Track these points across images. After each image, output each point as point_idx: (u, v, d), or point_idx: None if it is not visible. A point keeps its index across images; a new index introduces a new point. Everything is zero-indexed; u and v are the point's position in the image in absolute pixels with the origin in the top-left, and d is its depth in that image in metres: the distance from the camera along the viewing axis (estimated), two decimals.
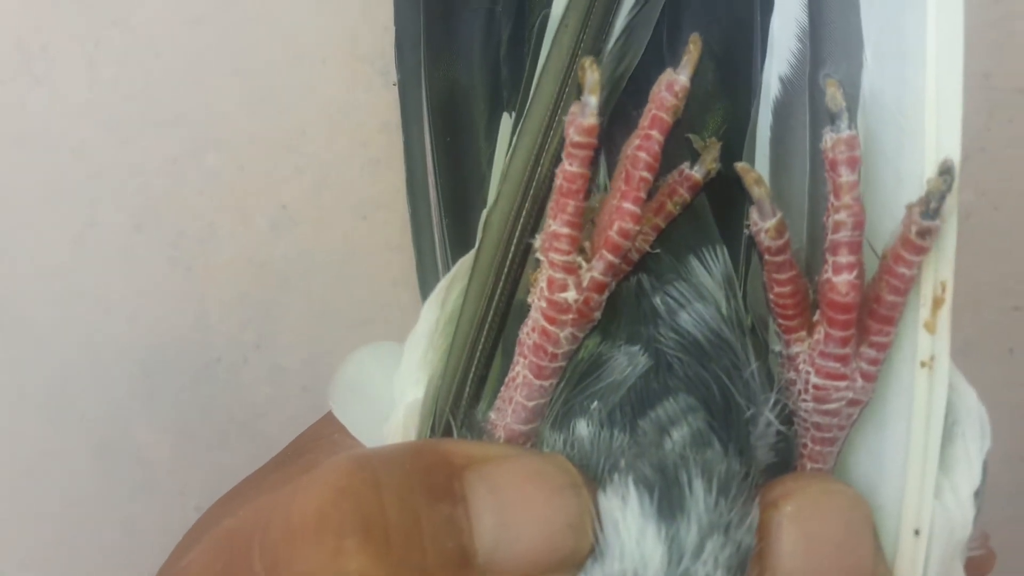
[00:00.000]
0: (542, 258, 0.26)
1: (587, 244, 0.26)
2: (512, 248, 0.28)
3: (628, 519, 0.24)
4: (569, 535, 0.23)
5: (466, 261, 0.29)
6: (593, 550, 0.24)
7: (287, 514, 0.22)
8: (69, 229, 0.42)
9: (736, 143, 0.29)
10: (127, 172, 0.41)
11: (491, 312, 0.28)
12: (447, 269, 0.33)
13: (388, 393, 0.29)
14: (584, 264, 0.26)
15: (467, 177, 0.33)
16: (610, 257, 0.26)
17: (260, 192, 0.42)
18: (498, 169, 0.31)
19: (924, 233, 0.24)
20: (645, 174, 0.26)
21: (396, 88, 0.36)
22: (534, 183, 0.27)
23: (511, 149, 0.28)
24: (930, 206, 0.24)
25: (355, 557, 0.21)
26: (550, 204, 0.26)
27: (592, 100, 0.25)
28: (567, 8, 0.28)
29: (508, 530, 0.23)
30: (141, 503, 0.48)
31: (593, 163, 0.26)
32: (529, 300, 0.27)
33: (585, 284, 0.26)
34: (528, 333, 0.27)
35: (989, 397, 0.46)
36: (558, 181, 0.26)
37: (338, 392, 0.31)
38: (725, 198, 0.29)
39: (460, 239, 0.33)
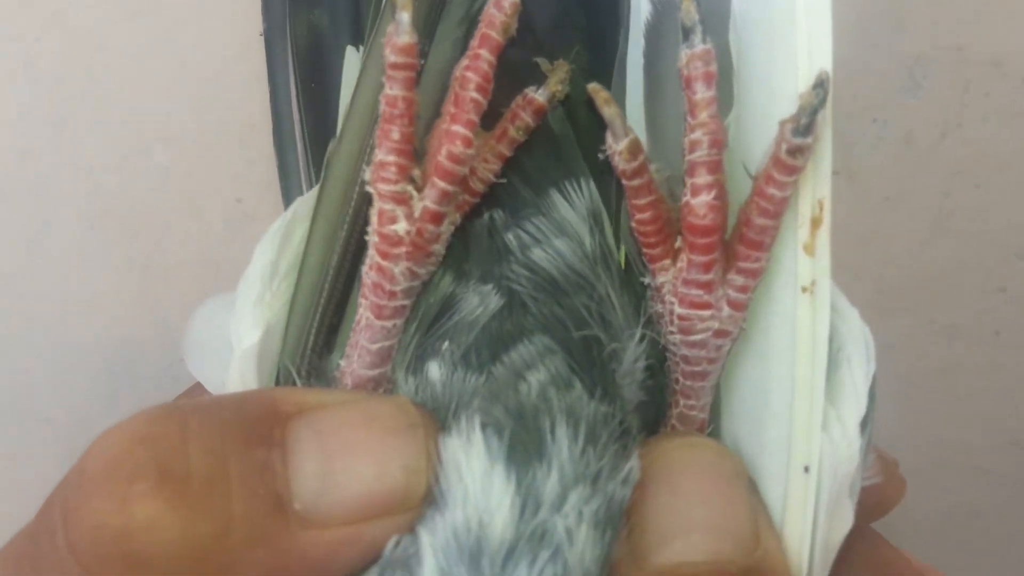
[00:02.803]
0: (371, 190, 0.24)
1: (418, 173, 0.24)
2: (357, 189, 0.25)
3: (472, 461, 0.22)
4: (401, 477, 0.21)
5: (306, 201, 0.26)
6: (432, 495, 0.22)
7: (82, 464, 0.21)
8: (23, 232, 0.41)
9: (607, 71, 0.27)
10: (77, 172, 0.40)
11: (337, 256, 0.26)
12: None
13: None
14: (415, 194, 0.24)
15: (333, 122, 0.30)
16: (442, 184, 0.24)
17: (213, 188, 0.40)
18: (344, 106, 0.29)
19: (795, 151, 0.22)
20: (475, 95, 0.24)
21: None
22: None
23: (357, 84, 0.26)
24: (801, 122, 0.21)
25: (145, 502, 0.19)
26: (376, 132, 0.24)
27: (404, 17, 0.23)
28: None
29: (333, 476, 0.21)
30: None
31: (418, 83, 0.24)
32: (366, 237, 0.25)
33: (417, 214, 0.24)
34: (367, 272, 0.24)
35: (977, 382, 0.44)
36: (381, 106, 0.24)
37: (189, 347, 0.29)
38: (598, 130, 0.26)
39: None
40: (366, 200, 0.25)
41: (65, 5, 0.38)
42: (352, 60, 0.30)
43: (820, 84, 0.22)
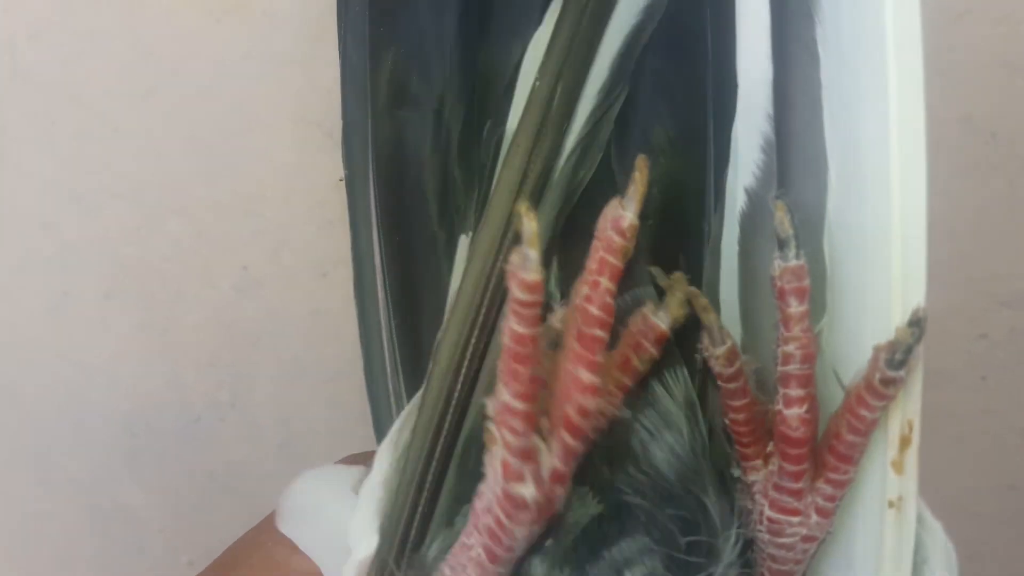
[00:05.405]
0: (495, 432, 0.22)
1: (544, 421, 0.22)
2: (460, 379, 0.25)
3: None
4: None
5: (417, 399, 0.26)
6: None
7: None
8: (45, 301, 0.42)
9: (694, 259, 0.27)
10: (94, 243, 0.41)
11: (439, 448, 0.25)
12: (395, 371, 0.31)
13: (337, 515, 0.26)
14: (543, 447, 0.22)
15: (416, 278, 0.30)
16: (571, 442, 0.22)
17: (222, 256, 0.41)
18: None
19: (888, 382, 0.22)
20: (598, 332, 0.22)
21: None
22: (482, 311, 0.25)
23: (464, 274, 0.25)
24: (896, 357, 0.22)
25: None
26: (500, 366, 0.22)
27: (533, 254, 0.21)
28: (517, 129, 0.26)
29: None
30: (135, 561, 0.47)
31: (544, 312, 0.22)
32: (485, 462, 0.23)
33: (545, 476, 0.22)
34: (484, 510, 0.22)
35: (968, 427, 0.45)
36: (506, 341, 0.21)
37: (287, 513, 0.29)
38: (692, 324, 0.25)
39: (408, 340, 0.30)
40: (465, 391, 0.25)
41: (81, 89, 0.39)
42: (464, 248, 0.29)
43: (916, 322, 0.22)
